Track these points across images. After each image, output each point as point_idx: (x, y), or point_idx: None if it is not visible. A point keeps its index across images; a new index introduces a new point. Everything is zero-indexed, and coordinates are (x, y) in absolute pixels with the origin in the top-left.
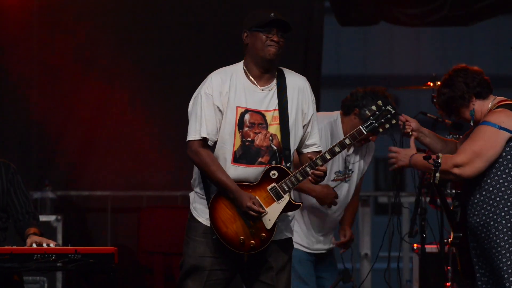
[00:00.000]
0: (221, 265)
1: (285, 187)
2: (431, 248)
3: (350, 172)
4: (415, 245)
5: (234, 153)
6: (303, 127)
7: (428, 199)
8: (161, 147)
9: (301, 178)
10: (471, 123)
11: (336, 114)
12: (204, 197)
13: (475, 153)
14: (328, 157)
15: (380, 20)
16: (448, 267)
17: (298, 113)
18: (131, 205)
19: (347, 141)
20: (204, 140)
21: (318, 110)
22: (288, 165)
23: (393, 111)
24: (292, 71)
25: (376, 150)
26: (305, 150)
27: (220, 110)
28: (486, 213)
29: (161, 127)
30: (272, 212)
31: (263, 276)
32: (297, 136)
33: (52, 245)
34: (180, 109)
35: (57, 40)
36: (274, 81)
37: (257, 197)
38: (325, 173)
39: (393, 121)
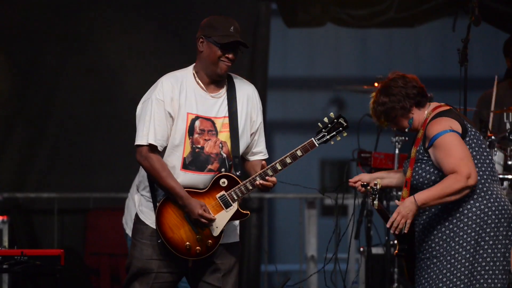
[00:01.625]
0: (168, 268)
1: (234, 196)
2: (377, 249)
3: None
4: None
5: (184, 159)
6: (251, 135)
7: None
8: (108, 148)
9: (250, 188)
10: (406, 130)
11: None
12: (151, 200)
13: (463, 158)
14: (279, 167)
15: (327, 22)
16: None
17: (247, 121)
18: (78, 206)
19: (299, 153)
20: (153, 145)
21: (265, 111)
22: (238, 173)
23: (345, 124)
24: (242, 78)
25: (324, 151)
26: (251, 158)
27: (171, 116)
28: (437, 212)
29: (108, 129)
30: (220, 220)
31: (209, 278)
32: (245, 143)
33: None
34: (128, 110)
35: (2, 38)
36: (224, 88)
37: (206, 205)
38: (274, 184)
39: (345, 134)
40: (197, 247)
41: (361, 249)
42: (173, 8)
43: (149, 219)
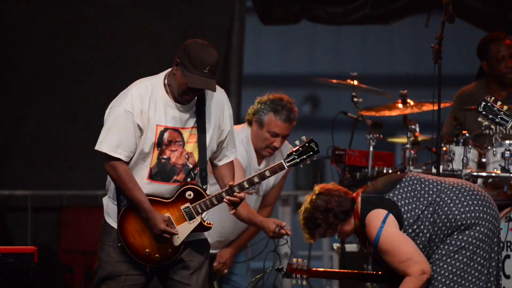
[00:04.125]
0: (137, 270)
1: (199, 209)
2: (350, 247)
3: (260, 185)
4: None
5: (150, 170)
6: (219, 143)
7: None
8: (81, 146)
9: (216, 203)
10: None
11: (242, 129)
12: (116, 203)
13: (410, 258)
14: (247, 186)
15: (302, 19)
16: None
17: (215, 130)
18: (52, 204)
19: (267, 174)
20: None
21: (240, 109)
22: (204, 187)
23: (315, 149)
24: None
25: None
26: (219, 163)
27: (140, 129)
28: None
29: (82, 126)
30: (182, 231)
31: (178, 276)
32: (211, 153)
33: None
34: (102, 108)
35: None
36: (194, 99)
37: (170, 216)
38: (241, 200)
39: (314, 158)
40: (157, 255)
41: (335, 246)
42: (144, 3)
43: (115, 222)
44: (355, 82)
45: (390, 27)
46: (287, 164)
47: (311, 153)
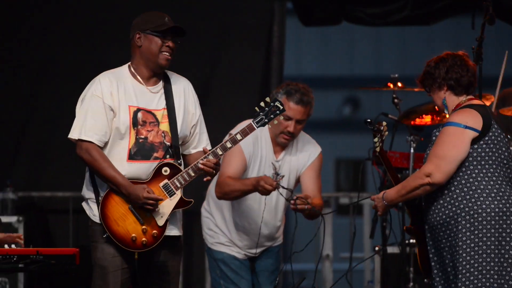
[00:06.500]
0: (128, 263)
1: (177, 184)
2: (392, 248)
3: (280, 176)
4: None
5: (129, 150)
6: (192, 127)
7: None
8: None
9: (193, 174)
10: (445, 112)
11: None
12: (95, 200)
13: (439, 157)
14: (220, 152)
15: (342, 20)
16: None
17: (186, 114)
18: None
19: (239, 137)
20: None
21: None
22: (179, 161)
23: (281, 107)
24: (176, 74)
25: (339, 150)
26: (194, 151)
27: (112, 110)
28: (447, 212)
29: None
30: (164, 209)
31: (159, 280)
32: (184, 135)
33: (14, 246)
34: None
35: (16, 39)
36: (161, 83)
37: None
38: (215, 164)
39: (281, 118)
40: (143, 238)
41: (376, 248)
42: (183, 6)
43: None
44: (399, 84)
45: (430, 28)
46: (257, 125)
47: (277, 112)
